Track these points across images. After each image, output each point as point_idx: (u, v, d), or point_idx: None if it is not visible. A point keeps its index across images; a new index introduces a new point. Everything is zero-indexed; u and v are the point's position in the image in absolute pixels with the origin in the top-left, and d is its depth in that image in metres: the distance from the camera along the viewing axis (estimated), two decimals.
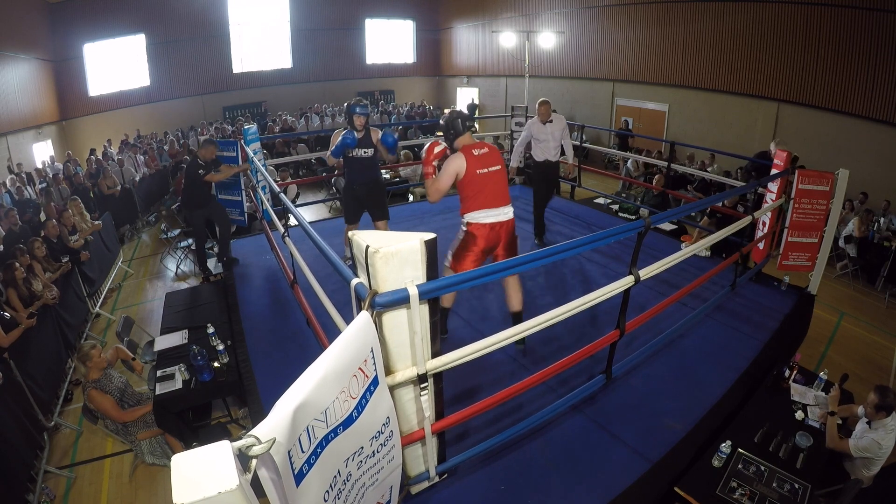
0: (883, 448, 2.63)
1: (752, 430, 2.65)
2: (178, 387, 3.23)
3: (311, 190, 10.18)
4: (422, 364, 1.80)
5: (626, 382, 2.96)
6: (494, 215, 2.93)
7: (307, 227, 2.39)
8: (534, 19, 13.83)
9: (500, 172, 2.97)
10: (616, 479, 2.31)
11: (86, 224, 6.69)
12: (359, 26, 16.69)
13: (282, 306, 3.97)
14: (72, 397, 4.61)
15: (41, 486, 3.47)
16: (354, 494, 1.50)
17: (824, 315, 5.64)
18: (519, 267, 1.97)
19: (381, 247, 1.59)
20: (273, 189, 3.73)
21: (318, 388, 1.23)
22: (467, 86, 17.38)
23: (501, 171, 2.99)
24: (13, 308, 4.41)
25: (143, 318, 5.89)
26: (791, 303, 3.87)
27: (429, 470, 2.09)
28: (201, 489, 0.87)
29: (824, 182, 3.80)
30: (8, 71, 10.37)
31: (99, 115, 13.08)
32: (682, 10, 10.51)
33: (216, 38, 14.47)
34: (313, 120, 13.83)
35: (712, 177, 6.67)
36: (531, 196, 5.21)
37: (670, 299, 2.94)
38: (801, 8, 8.58)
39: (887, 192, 7.55)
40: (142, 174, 9.90)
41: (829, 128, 8.55)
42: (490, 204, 2.92)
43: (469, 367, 2.14)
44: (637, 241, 2.45)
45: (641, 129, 11.74)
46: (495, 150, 3.01)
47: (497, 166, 2.96)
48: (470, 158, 2.91)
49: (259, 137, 5.84)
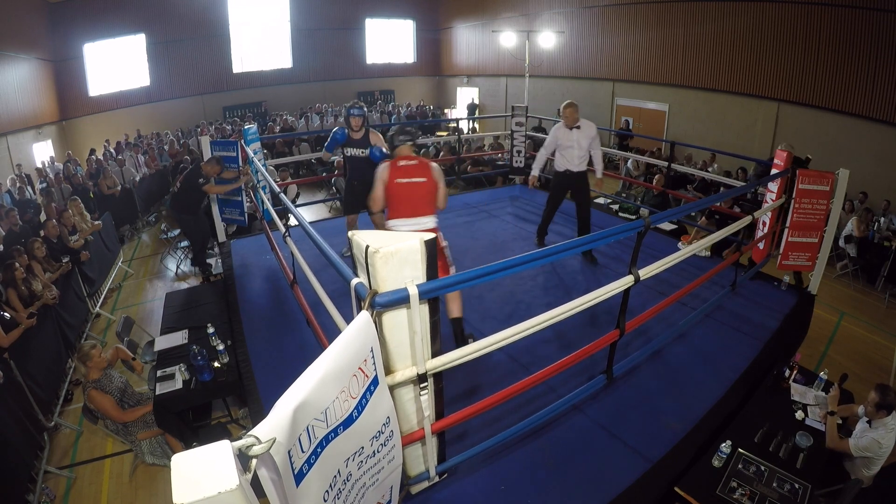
0: (883, 447, 2.63)
1: (752, 430, 2.65)
2: (178, 387, 3.23)
3: (311, 190, 10.18)
4: (422, 364, 1.80)
5: (626, 382, 2.96)
6: (409, 225, 3.07)
7: (307, 227, 2.39)
8: (534, 19, 13.83)
9: (422, 185, 3.08)
10: (616, 479, 2.31)
11: (86, 224, 6.69)
12: (359, 26, 16.69)
13: (282, 306, 3.97)
14: (72, 397, 4.62)
15: (41, 486, 3.47)
16: (354, 494, 1.50)
17: (824, 315, 5.64)
18: (518, 267, 1.97)
19: (381, 247, 1.59)
20: (273, 189, 3.75)
21: (318, 388, 1.23)
22: (467, 86, 17.38)
23: (425, 183, 3.08)
24: (13, 308, 4.41)
25: (143, 318, 5.89)
26: (791, 303, 3.87)
27: (429, 470, 2.09)
28: (201, 489, 0.87)
29: (824, 182, 3.80)
30: (8, 71, 10.37)
31: (99, 115, 13.09)
32: (683, 10, 10.52)
33: (216, 38, 14.48)
34: (313, 120, 13.83)
35: (712, 177, 6.67)
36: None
37: (670, 299, 2.94)
38: (801, 8, 8.58)
39: (887, 192, 7.56)
40: (142, 174, 9.90)
41: (829, 128, 8.55)
42: (406, 214, 3.08)
43: (469, 367, 2.14)
44: (637, 241, 2.46)
45: (641, 129, 11.75)
46: (425, 165, 3.12)
47: (421, 178, 3.08)
48: (393, 169, 3.09)
49: (259, 137, 5.84)
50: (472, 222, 5.67)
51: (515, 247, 4.92)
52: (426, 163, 3.15)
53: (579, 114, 4.40)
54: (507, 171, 7.61)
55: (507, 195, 6.64)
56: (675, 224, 6.12)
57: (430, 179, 3.10)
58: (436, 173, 3.11)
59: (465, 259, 4.64)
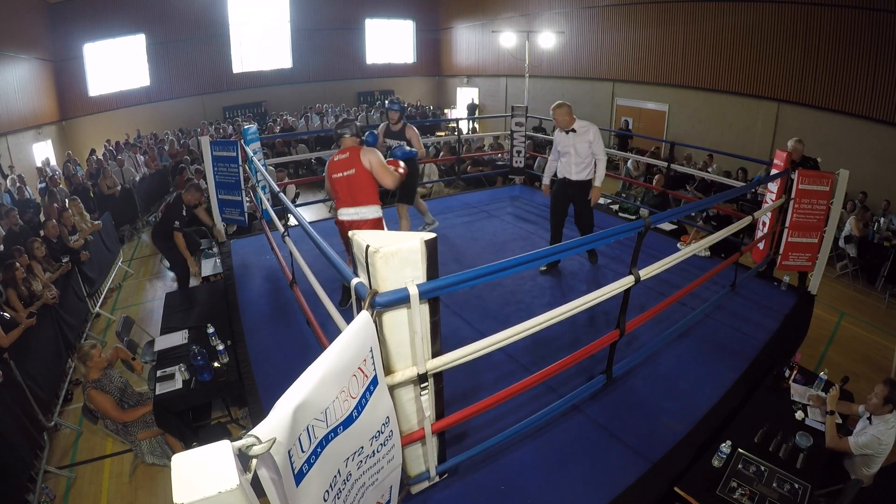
0: (883, 443, 2.63)
1: (752, 430, 2.65)
2: (178, 387, 3.23)
3: (311, 190, 10.18)
4: (422, 364, 1.80)
5: (626, 382, 2.96)
6: (350, 214, 3.33)
7: (307, 227, 2.39)
8: (534, 19, 13.84)
9: (352, 177, 3.27)
10: (616, 479, 2.31)
11: (86, 224, 6.69)
12: (359, 26, 16.70)
13: (282, 306, 3.97)
14: (72, 397, 4.62)
15: (41, 486, 3.47)
16: (354, 494, 1.50)
17: (824, 315, 5.64)
18: (518, 267, 1.96)
19: (382, 246, 1.59)
20: (273, 189, 3.76)
21: (317, 388, 1.23)
22: (467, 86, 17.38)
23: (354, 175, 3.26)
24: (13, 308, 4.41)
25: (143, 318, 5.89)
26: (791, 303, 3.87)
27: (429, 470, 2.09)
28: (201, 489, 0.87)
29: (824, 182, 3.80)
30: (8, 71, 10.37)
31: (99, 115, 13.10)
32: (683, 10, 10.52)
33: (216, 38, 14.48)
34: (313, 120, 13.83)
35: (713, 177, 6.67)
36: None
37: (670, 299, 2.94)
38: (801, 8, 8.58)
39: (887, 192, 7.56)
40: (142, 174, 9.90)
41: (829, 128, 8.55)
42: (346, 203, 3.33)
43: (469, 367, 2.14)
44: (637, 241, 2.46)
45: (641, 129, 11.75)
46: (355, 156, 3.27)
47: (350, 171, 3.26)
48: (330, 164, 3.33)
49: (259, 137, 5.84)
50: (472, 222, 5.67)
51: (515, 247, 4.92)
52: (357, 153, 3.28)
53: (574, 115, 3.96)
54: (507, 171, 7.60)
55: (507, 195, 6.64)
56: (675, 224, 6.12)
57: (360, 170, 3.26)
58: (367, 162, 3.25)
59: (465, 259, 4.64)
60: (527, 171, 7.12)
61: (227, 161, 5.16)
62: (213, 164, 5.17)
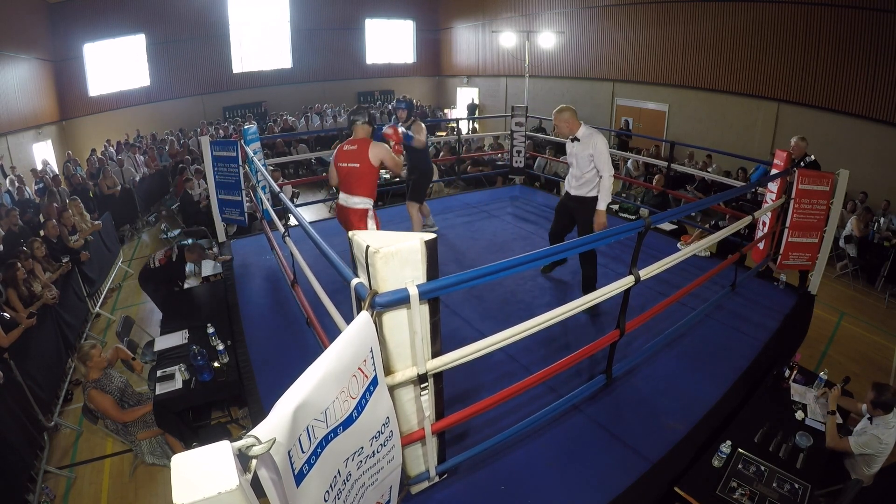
0: (883, 443, 2.63)
1: (752, 430, 2.65)
2: (178, 387, 3.23)
3: (311, 190, 10.18)
4: (422, 364, 1.80)
5: (626, 382, 2.96)
6: (343, 199, 3.55)
7: (307, 227, 2.39)
8: (534, 19, 13.83)
9: (354, 170, 3.42)
10: (616, 479, 2.31)
11: (86, 224, 6.69)
12: (359, 26, 16.69)
13: (282, 306, 3.97)
14: (72, 397, 4.62)
15: (41, 486, 3.47)
16: (354, 494, 1.50)
17: (824, 315, 5.64)
18: (518, 267, 1.96)
19: (382, 247, 1.59)
20: (273, 189, 3.76)
21: (317, 388, 1.23)
22: (467, 86, 17.38)
23: (357, 169, 3.40)
24: (13, 308, 4.41)
25: (143, 318, 5.89)
26: (791, 303, 3.87)
27: (429, 470, 2.09)
28: (201, 489, 0.87)
29: (824, 182, 3.80)
30: (8, 71, 10.37)
31: (99, 115, 13.08)
32: (682, 9, 10.51)
33: (216, 38, 14.47)
34: (314, 120, 13.83)
35: (713, 177, 6.67)
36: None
37: (670, 299, 2.94)
38: (801, 8, 8.58)
39: (887, 192, 7.56)
40: (142, 174, 9.90)
41: (829, 128, 8.54)
42: (344, 190, 3.55)
43: (469, 367, 2.14)
44: (637, 241, 2.46)
45: (641, 129, 11.74)
46: (363, 150, 3.37)
47: (354, 164, 3.40)
48: (339, 152, 3.48)
49: (259, 137, 5.84)
50: (472, 222, 5.67)
51: (515, 247, 4.92)
52: (366, 148, 3.37)
53: (579, 120, 3.48)
54: (507, 171, 7.60)
55: (507, 195, 6.64)
56: (675, 224, 6.12)
57: (364, 165, 3.38)
58: (375, 158, 3.37)
59: (464, 259, 4.64)
60: (527, 171, 7.12)
61: (227, 161, 5.15)
62: (213, 164, 5.17)
